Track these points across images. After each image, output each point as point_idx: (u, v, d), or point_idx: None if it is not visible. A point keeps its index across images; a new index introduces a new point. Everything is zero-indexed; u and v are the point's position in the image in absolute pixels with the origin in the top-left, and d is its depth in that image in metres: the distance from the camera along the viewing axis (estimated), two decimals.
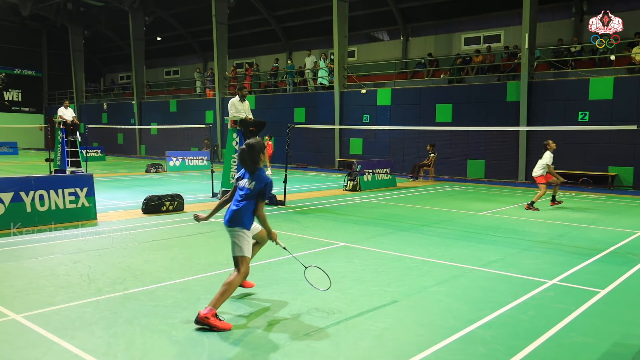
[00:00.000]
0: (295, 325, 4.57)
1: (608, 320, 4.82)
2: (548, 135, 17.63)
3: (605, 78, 17.03)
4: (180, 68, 38.54)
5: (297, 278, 6.02)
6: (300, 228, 9.21)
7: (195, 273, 6.20)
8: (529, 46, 18.06)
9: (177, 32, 35.73)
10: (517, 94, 18.49)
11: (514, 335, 4.41)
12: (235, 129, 12.38)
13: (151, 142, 33.18)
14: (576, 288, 5.82)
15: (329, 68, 24.79)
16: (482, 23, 24.25)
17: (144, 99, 33.90)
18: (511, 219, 10.55)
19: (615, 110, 16.64)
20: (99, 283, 5.71)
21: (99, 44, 41.90)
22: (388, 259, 7.01)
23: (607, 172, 16.74)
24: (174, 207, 10.83)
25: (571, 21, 21.61)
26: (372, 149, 22.42)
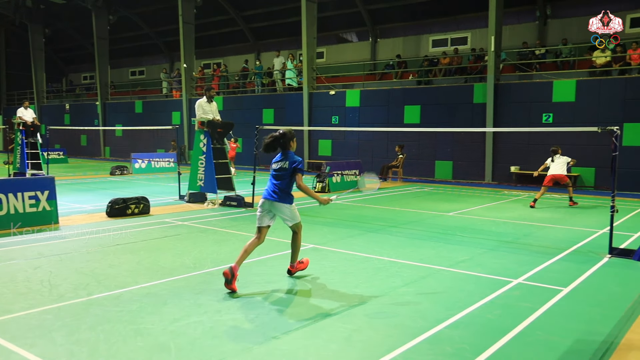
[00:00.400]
0: (264, 327, 4.55)
1: (570, 318, 4.96)
2: (513, 136, 18.06)
3: (568, 81, 17.52)
4: (146, 68, 37.94)
5: (265, 280, 6.00)
6: (269, 230, 9.15)
7: (161, 277, 6.11)
8: (495, 49, 18.44)
9: (143, 31, 35.17)
10: (484, 95, 18.86)
11: (481, 334, 4.50)
12: (202, 130, 12.25)
13: (116, 143, 32.56)
14: (541, 287, 5.97)
15: (298, 69, 24.80)
16: (450, 25, 24.64)
17: (108, 100, 33.25)
18: (478, 220, 10.74)
19: (577, 112, 17.13)
20: (61, 289, 5.57)
21: (61, 43, 40.90)
22: (357, 260, 7.05)
23: (570, 173, 17.20)
24: (139, 210, 10.66)
25: (535, 24, 22.16)
26: (341, 151, 22.52)
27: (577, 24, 20.89)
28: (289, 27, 28.41)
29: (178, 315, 4.82)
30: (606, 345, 4.33)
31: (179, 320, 4.70)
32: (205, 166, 12.19)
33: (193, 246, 7.78)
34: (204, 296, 5.41)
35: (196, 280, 6.03)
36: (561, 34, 21.09)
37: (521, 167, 18.18)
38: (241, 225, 9.62)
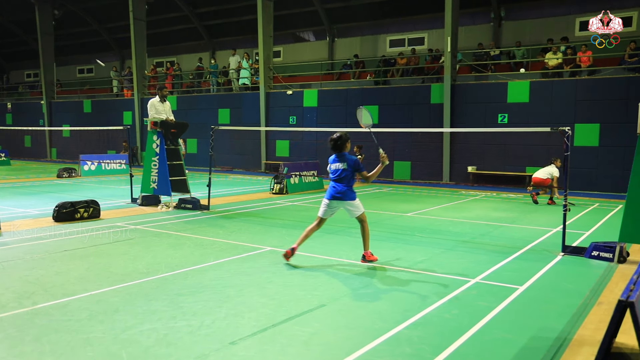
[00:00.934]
0: (220, 333, 4.50)
1: (526, 316, 5.12)
2: (470, 136, 18.51)
3: (522, 82, 18.10)
4: (95, 66, 36.91)
5: (222, 285, 5.94)
6: (225, 233, 9.09)
7: (112, 283, 5.95)
8: (451, 49, 18.86)
9: (91, 27, 34.20)
10: (441, 96, 19.25)
11: (439, 334, 4.58)
12: (155, 130, 12.02)
13: (63, 144, 31.52)
14: (497, 285, 6.13)
15: (253, 68, 24.67)
16: (407, 25, 25.03)
17: (54, 99, 32.18)
18: (436, 220, 10.95)
19: (531, 112, 17.72)
20: (3, 299, 5.35)
21: (2, 38, 39.27)
22: (315, 263, 7.07)
23: (525, 173, 17.78)
24: (89, 214, 10.36)
25: (490, 26, 22.78)
26: (299, 151, 22.53)
27: (530, 26, 21.61)
28: (245, 25, 28.23)
29: (130, 323, 4.71)
30: (559, 341, 4.49)
31: (131, 328, 4.59)
32: (158, 168, 11.97)
33: (146, 251, 7.62)
34: (157, 302, 5.30)
35: (150, 286, 5.91)
36: (515, 36, 21.76)
37: (478, 167, 18.65)
38: (197, 228, 9.49)
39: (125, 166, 22.23)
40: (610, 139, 16.50)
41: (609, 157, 16.53)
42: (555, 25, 20.91)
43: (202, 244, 8.15)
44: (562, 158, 7.95)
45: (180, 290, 5.73)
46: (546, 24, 21.20)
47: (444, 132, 18.85)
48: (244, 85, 25.20)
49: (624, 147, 15.95)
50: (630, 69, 17.05)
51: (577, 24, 20.56)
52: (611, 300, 5.60)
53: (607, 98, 16.60)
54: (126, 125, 16.66)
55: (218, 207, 12.16)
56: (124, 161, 22.81)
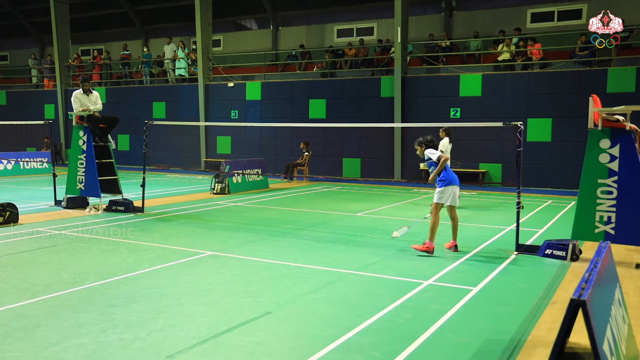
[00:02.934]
0: (157, 346, 4.40)
1: (480, 317, 5.28)
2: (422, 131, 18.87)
3: (474, 75, 18.64)
4: (10, 53, 35.23)
5: (158, 293, 5.82)
6: (161, 237, 8.91)
7: (33, 296, 5.71)
8: (402, 40, 19.18)
9: (5, 9, 32.62)
10: (392, 89, 19.55)
11: (392, 340, 4.66)
12: (82, 125, 11.65)
13: None
14: (450, 287, 6.30)
15: (191, 58, 24.26)
16: (355, 14, 25.26)
17: None
18: (387, 219, 11.12)
19: (484, 106, 18.28)
20: None
21: None
22: (260, 267, 7.04)
23: (478, 169, 18.33)
24: (4, 218, 9.90)
25: (441, 16, 23.31)
26: (242, 148, 22.35)
27: (482, 17, 22.27)
28: (181, 11, 27.68)
29: (54, 339, 4.54)
30: (514, 343, 4.65)
31: (55, 345, 4.42)
32: (85, 167, 11.59)
33: (72, 258, 7.36)
34: (86, 315, 5.13)
35: (77, 297, 5.71)
36: (467, 27, 22.37)
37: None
38: (129, 232, 9.25)
39: (48, 165, 21.40)
40: (563, 134, 17.25)
41: (561, 153, 17.26)
42: (507, 17, 21.62)
43: (135, 250, 7.95)
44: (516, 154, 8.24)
45: (112, 300, 5.57)
46: (498, 15, 21.89)
47: (395, 127, 19.16)
48: (180, 77, 24.75)
49: (576, 142, 16.71)
50: (581, 62, 17.87)
51: (529, 15, 21.35)
52: (564, 299, 5.86)
53: (559, 92, 17.34)
54: (48, 119, 16.06)
55: (153, 209, 11.90)
56: (45, 159, 21.96)
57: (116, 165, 12.36)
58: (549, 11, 20.85)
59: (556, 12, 20.75)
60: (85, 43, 31.74)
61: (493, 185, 18.12)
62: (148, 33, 30.48)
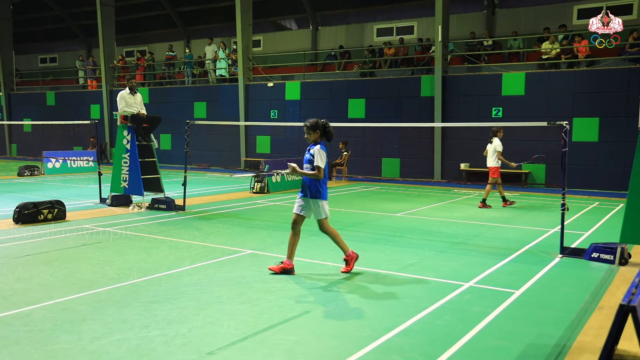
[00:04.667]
0: (197, 343, 4.47)
1: (522, 322, 5.17)
2: (462, 131, 18.62)
3: (517, 74, 18.26)
4: (59, 55, 36.42)
5: (199, 291, 5.91)
6: (202, 235, 9.05)
7: (79, 290, 5.89)
8: (442, 39, 18.96)
9: (54, 13, 33.73)
10: (432, 88, 19.34)
11: (431, 341, 4.61)
12: (126, 125, 11.92)
13: (24, 140, 31.04)
14: (492, 290, 6.19)
15: (231, 59, 24.54)
16: (395, 13, 25.10)
17: (13, 90, 31.69)
18: (427, 220, 11.01)
19: (527, 106, 17.89)
20: None
21: None
22: (299, 266, 7.06)
23: (521, 170, 17.95)
24: (53, 215, 10.23)
25: (483, 14, 22.95)
26: (281, 148, 22.49)
27: (526, 14, 21.81)
28: (222, 12, 28.06)
29: (99, 333, 4.67)
30: (558, 348, 4.54)
31: (101, 339, 4.54)
32: (129, 165, 11.86)
33: (116, 255, 7.55)
34: (129, 310, 5.26)
35: (120, 292, 5.85)
36: (509, 24, 21.95)
37: (471, 164, 18.79)
38: (171, 230, 9.42)
39: (93, 164, 21.99)
40: (610, 134, 16.73)
41: (609, 153, 16.75)
42: (552, 13, 21.12)
43: (177, 247, 8.10)
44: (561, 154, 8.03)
45: (154, 297, 5.69)
46: (542, 12, 21.40)
47: (435, 127, 18.95)
48: (221, 77, 25.07)
49: (624, 143, 16.19)
50: (631, 59, 17.30)
51: (575, 11, 20.81)
52: (612, 304, 5.68)
53: (607, 90, 16.83)
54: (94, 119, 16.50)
55: (194, 208, 12.09)
56: (91, 158, 22.57)
57: (158, 164, 12.61)
58: (597, 7, 20.24)
59: (605, 7, 20.14)
60: (129, 44, 32.52)
61: (536, 186, 17.72)
62: (190, 34, 31.00)
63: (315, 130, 6.98)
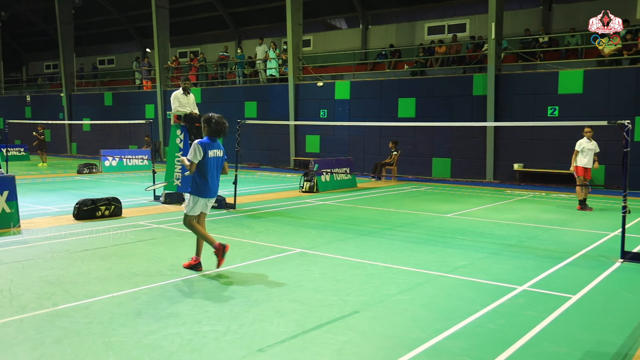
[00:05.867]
0: (247, 339, 4.53)
1: (580, 328, 5.00)
2: (516, 131, 18.18)
3: (575, 71, 17.67)
4: (116, 57, 37.64)
5: (249, 288, 5.98)
6: (252, 234, 9.16)
7: (135, 285, 6.06)
8: (496, 36, 18.55)
9: (112, 16, 34.88)
10: (484, 87, 18.96)
11: (483, 345, 4.51)
12: (179, 124, 12.18)
13: (83, 139, 32.26)
14: (547, 294, 6.01)
15: (281, 58, 24.74)
16: (447, 11, 24.75)
17: (74, 91, 32.94)
18: (479, 221, 10.80)
19: (585, 104, 17.29)
20: (23, 299, 5.50)
21: (20, 28, 40.36)
22: (348, 266, 7.05)
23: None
24: (110, 212, 10.57)
25: (539, 10, 22.33)
26: (331, 147, 22.52)
27: (584, 9, 21.08)
28: (272, 12, 28.34)
29: (153, 327, 4.79)
30: (619, 357, 4.36)
31: (155, 333, 4.66)
32: (182, 164, 12.11)
33: (170, 251, 7.73)
34: (182, 306, 5.37)
35: (173, 288, 5.99)
36: (567, 20, 21.27)
37: (525, 164, 18.32)
38: (222, 228, 9.57)
39: (148, 162, 22.60)
40: None
41: None
42: (612, 8, 20.32)
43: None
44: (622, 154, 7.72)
45: (206, 293, 5.80)
46: (602, 7, 20.59)
47: (488, 126, 18.57)
48: (271, 77, 25.32)
49: None
50: None
51: (639, 5, 19.97)
52: None
53: None
54: (148, 118, 16.93)
55: (244, 206, 12.25)
56: (146, 157, 23.17)
57: None
58: None
59: None
60: (182, 45, 33.27)
61: (595, 187, 17.11)
62: (241, 35, 31.46)
63: (203, 124, 6.91)
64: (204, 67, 28.81)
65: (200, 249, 6.82)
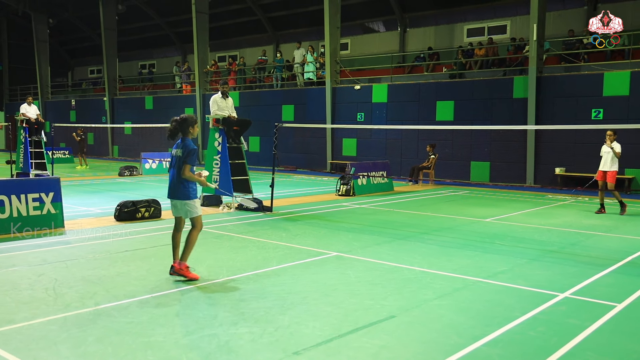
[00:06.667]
0: (284, 342, 4.55)
1: (626, 337, 4.85)
2: (558, 134, 17.78)
3: (621, 72, 17.17)
4: (157, 61, 38.43)
5: (285, 291, 6.01)
6: (288, 236, 9.20)
7: (173, 286, 6.16)
8: (538, 38, 18.18)
9: (154, 21, 35.65)
10: (525, 90, 18.61)
11: (523, 353, 4.42)
12: (217, 128, 12.34)
13: (125, 142, 33.04)
14: (590, 302, 5.85)
15: (319, 62, 24.83)
16: (487, 13, 24.39)
17: (116, 95, 33.77)
18: (519, 226, 10.60)
19: (632, 107, 16.78)
20: (66, 298, 5.66)
21: (67, 34, 41.67)
22: (384, 270, 7.01)
23: (624, 175, 16.86)
24: (150, 214, 10.77)
25: (584, 10, 21.81)
26: (367, 150, 22.46)
27: (632, 8, 20.47)
28: (310, 16, 28.48)
29: (191, 328, 4.86)
30: None
31: (192, 333, 4.73)
32: (220, 167, 12.27)
33: (207, 253, 7.83)
34: (219, 307, 5.43)
35: (210, 290, 6.07)
36: None
37: (567, 168, 17.90)
38: (259, 230, 9.65)
39: None
40: None
41: None
42: None
43: (264, 247, 8.28)
44: None
45: (242, 295, 5.85)
46: None
47: (528, 129, 18.21)
48: (308, 80, 25.43)
49: None
50: None
51: None
52: None
53: None
54: None
55: (281, 209, 12.32)
56: None
57: (247, 165, 12.97)
58: None
59: None
60: (221, 50, 33.74)
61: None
62: (279, 38, 31.70)
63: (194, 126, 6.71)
64: (242, 71, 29.13)
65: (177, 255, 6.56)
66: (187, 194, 6.49)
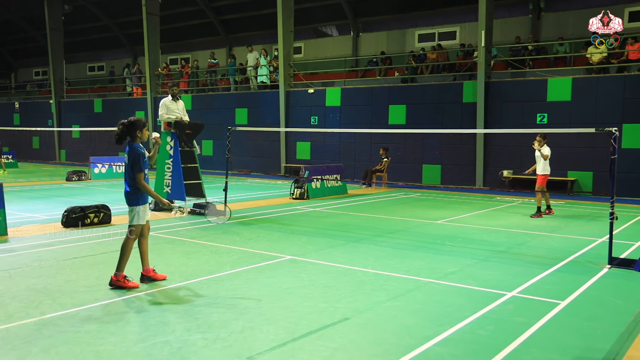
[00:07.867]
0: (237, 347, 4.52)
1: (569, 333, 5.03)
2: (506, 138, 18.31)
3: (564, 79, 17.83)
4: (106, 63, 37.52)
5: (239, 295, 5.97)
6: (242, 240, 9.14)
7: (123, 293, 6.03)
8: (486, 44, 18.69)
9: (102, 23, 34.79)
10: (474, 94, 19.09)
11: (473, 352, 4.53)
12: (169, 131, 12.16)
13: (73, 146, 32.08)
14: (536, 300, 6.04)
15: (272, 66, 24.79)
16: (437, 19, 24.90)
17: (63, 98, 32.79)
18: (469, 228, 10.85)
19: (574, 112, 17.44)
20: (9, 308, 5.46)
21: (9, 35, 40.13)
22: (338, 273, 7.06)
23: (566, 177, 17.50)
24: (99, 219, 10.52)
25: (528, 18, 22.53)
26: (321, 154, 22.55)
27: (573, 17, 21.30)
28: (264, 19, 28.39)
29: (143, 335, 4.77)
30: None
31: (144, 341, 4.64)
32: (172, 171, 12.09)
33: (159, 258, 7.70)
34: (171, 314, 5.35)
35: (163, 296, 5.97)
36: (556, 29, 21.47)
37: (515, 171, 18.43)
38: (212, 235, 9.56)
39: None
40: None
41: None
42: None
43: (217, 252, 8.21)
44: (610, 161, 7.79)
45: (195, 301, 5.78)
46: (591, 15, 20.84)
47: (477, 133, 18.68)
48: (262, 84, 25.36)
49: None
50: None
51: (627, 14, 20.20)
52: None
53: None
54: None
55: (235, 213, 12.22)
56: None
57: (200, 169, 12.82)
58: None
59: None
60: (173, 52, 33.24)
61: (583, 194, 17.24)
62: (232, 42, 31.48)
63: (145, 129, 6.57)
64: (194, 74, 28.79)
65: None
66: (130, 199, 6.41)
